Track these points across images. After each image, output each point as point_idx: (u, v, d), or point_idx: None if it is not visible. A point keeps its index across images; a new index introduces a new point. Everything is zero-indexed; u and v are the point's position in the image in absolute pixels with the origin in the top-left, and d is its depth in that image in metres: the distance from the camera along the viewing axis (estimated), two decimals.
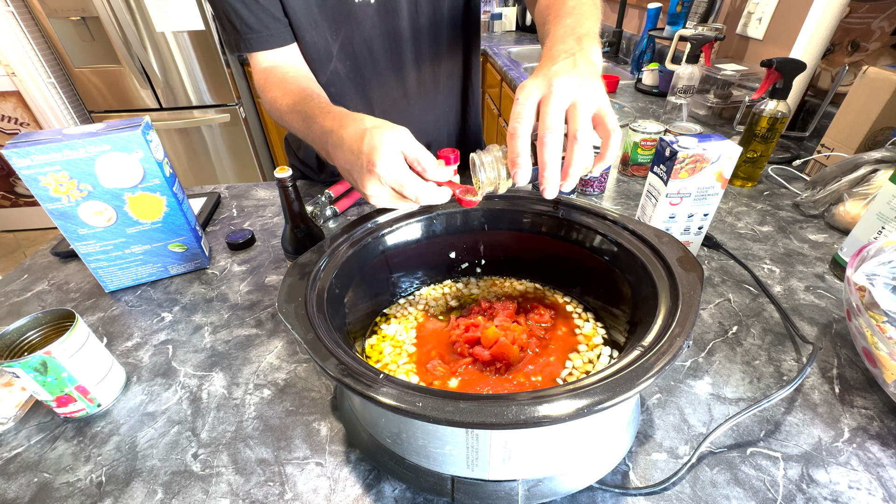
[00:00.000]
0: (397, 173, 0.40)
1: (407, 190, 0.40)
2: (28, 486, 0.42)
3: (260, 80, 0.67)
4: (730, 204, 0.83)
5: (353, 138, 0.42)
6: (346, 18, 0.71)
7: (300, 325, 0.36)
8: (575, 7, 0.52)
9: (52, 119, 2.13)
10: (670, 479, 0.40)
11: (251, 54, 0.68)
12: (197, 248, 0.68)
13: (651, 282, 0.41)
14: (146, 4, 1.86)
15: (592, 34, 0.47)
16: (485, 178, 0.41)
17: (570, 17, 0.50)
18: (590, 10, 0.52)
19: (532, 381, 0.45)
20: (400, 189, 0.41)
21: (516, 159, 0.38)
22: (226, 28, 0.67)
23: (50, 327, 0.48)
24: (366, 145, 0.40)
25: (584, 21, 0.49)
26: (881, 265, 0.49)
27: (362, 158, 0.40)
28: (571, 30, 0.47)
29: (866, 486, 0.39)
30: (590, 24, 0.49)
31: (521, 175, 0.38)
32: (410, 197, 0.41)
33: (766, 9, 1.23)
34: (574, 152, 0.38)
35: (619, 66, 1.87)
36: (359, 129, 0.42)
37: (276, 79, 0.65)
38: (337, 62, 0.75)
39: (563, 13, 0.51)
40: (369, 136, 0.40)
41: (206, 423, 0.47)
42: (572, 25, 0.48)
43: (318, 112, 0.51)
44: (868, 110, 0.80)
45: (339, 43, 0.73)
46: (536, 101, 0.38)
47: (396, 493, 0.41)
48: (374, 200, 0.42)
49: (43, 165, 0.53)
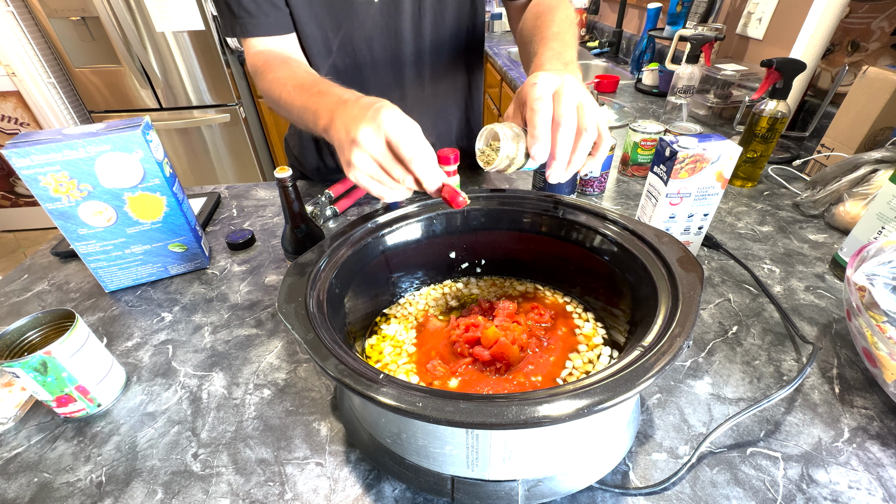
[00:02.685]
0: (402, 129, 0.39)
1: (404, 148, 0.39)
2: (28, 486, 0.42)
3: (257, 63, 0.65)
4: (730, 204, 0.83)
5: (366, 101, 0.42)
6: (347, 16, 0.70)
7: (300, 325, 0.36)
8: (559, 33, 0.58)
9: (52, 119, 2.13)
10: (670, 479, 0.40)
11: (246, 40, 0.66)
12: (197, 248, 0.68)
13: (651, 282, 0.41)
14: (146, 4, 1.86)
15: (574, 62, 0.53)
16: (509, 151, 0.42)
17: (555, 41, 0.56)
18: (572, 37, 0.58)
19: (532, 381, 0.45)
20: (397, 148, 0.39)
21: (540, 135, 0.40)
22: (222, 12, 0.66)
23: (50, 327, 0.48)
24: (379, 103, 0.40)
25: (568, 48, 0.55)
26: (881, 265, 0.49)
27: (371, 110, 0.39)
28: (558, 54, 0.53)
29: (866, 486, 0.39)
30: (571, 53, 0.54)
31: (541, 149, 0.41)
32: (405, 155, 0.39)
33: (766, 9, 1.23)
34: (580, 142, 0.42)
35: (619, 66, 1.87)
36: (372, 99, 0.42)
37: (276, 62, 0.63)
38: (336, 58, 0.75)
39: (548, 36, 0.57)
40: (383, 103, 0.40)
41: (206, 423, 0.47)
42: (559, 50, 0.54)
43: (334, 87, 0.50)
44: (868, 110, 0.80)
45: (340, 39, 0.73)
46: (553, 93, 0.41)
47: (396, 493, 0.41)
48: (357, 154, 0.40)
49: (43, 165, 0.53)
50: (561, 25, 0.59)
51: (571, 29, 0.60)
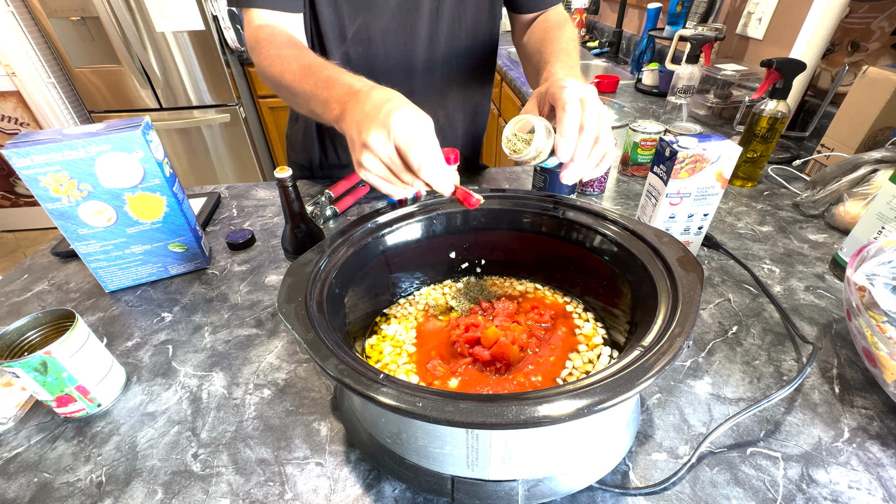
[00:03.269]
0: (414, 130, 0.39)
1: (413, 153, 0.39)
2: (28, 486, 0.42)
3: (260, 35, 0.60)
4: (730, 204, 0.83)
5: (384, 94, 0.41)
6: (366, 5, 0.70)
7: (300, 325, 0.36)
8: (567, 49, 0.62)
9: (52, 119, 2.13)
10: (670, 479, 0.40)
11: (248, 10, 0.62)
12: (197, 248, 0.68)
13: (651, 282, 0.41)
14: (146, 4, 1.86)
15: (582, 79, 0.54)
16: (539, 145, 0.44)
17: (565, 54, 0.60)
18: (577, 56, 0.62)
19: (532, 381, 0.45)
20: (406, 151, 0.39)
21: (569, 135, 0.44)
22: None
23: (50, 327, 0.48)
24: (396, 99, 0.40)
25: (576, 65, 0.58)
26: (881, 265, 0.49)
27: (385, 109, 0.39)
28: (570, 69, 0.56)
29: (866, 486, 0.39)
30: (578, 70, 0.57)
31: (567, 149, 0.44)
32: (413, 163, 0.39)
33: (766, 9, 1.23)
34: (595, 149, 0.45)
35: (619, 66, 1.87)
36: (391, 93, 0.42)
37: (283, 38, 0.60)
38: (350, 46, 0.74)
39: (558, 49, 0.61)
40: (400, 98, 0.41)
41: (206, 423, 0.47)
42: (570, 65, 0.57)
43: (344, 74, 0.48)
44: (868, 110, 0.80)
45: (356, 28, 0.72)
46: (580, 97, 0.44)
47: (396, 493, 0.41)
48: (367, 157, 0.40)
49: (43, 165, 0.53)
50: (568, 44, 0.64)
51: (576, 48, 0.64)
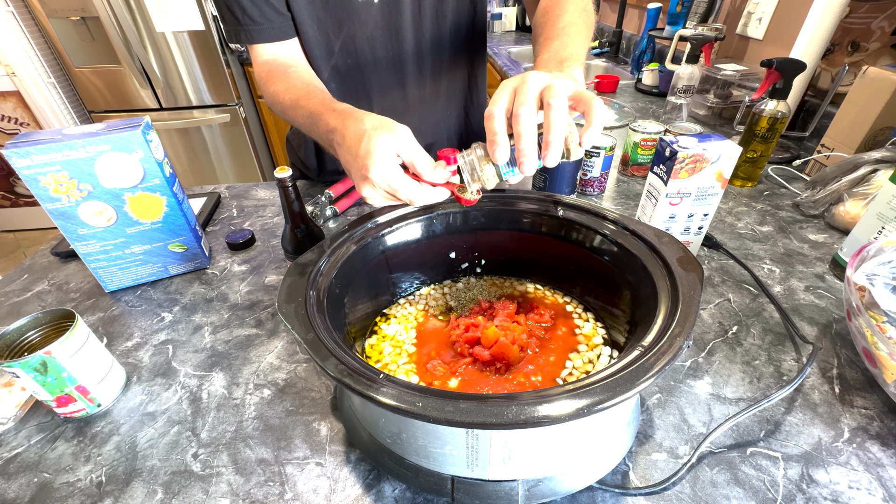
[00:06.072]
0: (390, 179, 0.41)
1: (400, 194, 0.42)
2: (28, 486, 0.42)
3: (261, 73, 0.67)
4: (730, 204, 0.83)
5: (353, 140, 0.43)
6: (348, 17, 0.71)
7: (300, 325, 0.36)
8: (564, 28, 0.54)
9: (52, 119, 2.13)
10: (670, 479, 0.40)
11: (251, 46, 0.68)
12: (197, 248, 0.68)
13: (651, 282, 0.41)
14: (146, 4, 1.86)
15: (576, 56, 0.49)
16: (468, 178, 0.42)
17: (557, 39, 0.52)
18: (578, 29, 0.54)
19: (532, 381, 0.45)
20: (393, 193, 0.42)
21: (494, 137, 0.38)
22: (226, 19, 0.66)
23: (50, 327, 0.48)
24: (362, 149, 0.41)
25: (569, 44, 0.51)
26: (881, 265, 0.49)
27: (358, 162, 0.42)
28: (556, 53, 0.50)
29: (866, 486, 0.39)
30: (574, 47, 0.51)
31: (500, 152, 0.38)
32: (404, 199, 0.43)
33: (766, 9, 1.23)
34: (550, 118, 0.37)
35: (619, 66, 1.87)
36: (358, 131, 0.43)
37: (278, 73, 0.65)
38: (338, 59, 0.75)
39: (552, 35, 0.54)
40: (366, 140, 0.41)
41: (206, 423, 0.47)
42: (557, 49, 0.51)
43: (323, 109, 0.51)
44: (868, 110, 0.80)
45: (341, 41, 0.73)
46: (512, 90, 0.39)
47: (396, 493, 0.41)
48: (370, 201, 0.44)
49: (43, 165, 0.53)
50: (570, 17, 0.56)
51: (581, 18, 0.56)
